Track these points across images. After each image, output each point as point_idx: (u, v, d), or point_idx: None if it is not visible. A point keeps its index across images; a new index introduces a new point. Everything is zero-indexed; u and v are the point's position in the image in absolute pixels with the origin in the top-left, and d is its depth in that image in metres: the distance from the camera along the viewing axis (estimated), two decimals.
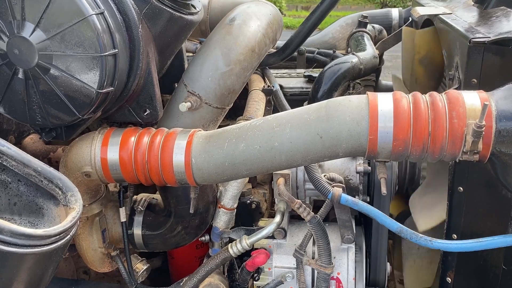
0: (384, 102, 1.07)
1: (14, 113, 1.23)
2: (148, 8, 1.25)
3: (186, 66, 1.70)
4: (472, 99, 1.04)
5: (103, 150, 1.30)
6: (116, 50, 1.16)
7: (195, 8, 1.45)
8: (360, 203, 1.24)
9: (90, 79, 1.15)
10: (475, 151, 1.02)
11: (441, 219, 1.53)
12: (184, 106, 1.42)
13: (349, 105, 1.09)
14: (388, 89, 2.54)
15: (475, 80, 1.25)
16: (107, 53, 1.13)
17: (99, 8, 1.13)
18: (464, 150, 1.03)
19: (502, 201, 1.28)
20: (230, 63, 1.46)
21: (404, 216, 1.85)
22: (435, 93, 1.08)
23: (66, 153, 1.36)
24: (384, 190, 1.13)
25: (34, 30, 1.11)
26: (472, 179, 1.32)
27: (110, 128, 1.36)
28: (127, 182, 1.37)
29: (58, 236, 0.93)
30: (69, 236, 0.97)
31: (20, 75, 1.17)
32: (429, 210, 1.64)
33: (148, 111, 1.36)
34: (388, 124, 1.05)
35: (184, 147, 1.25)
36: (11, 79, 1.18)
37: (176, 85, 1.54)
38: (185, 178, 1.26)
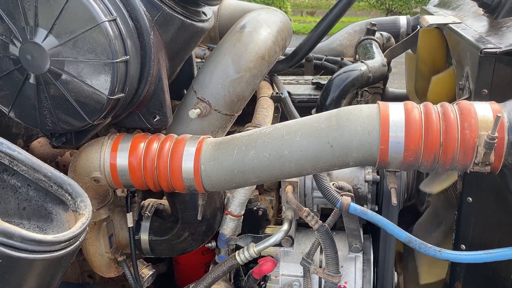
0: (396, 112, 1.07)
1: (25, 118, 1.24)
2: (160, 15, 1.25)
3: (195, 72, 1.70)
4: (484, 110, 1.03)
5: (112, 155, 1.30)
6: (128, 56, 1.16)
7: (205, 15, 1.46)
8: (369, 213, 1.23)
9: (101, 85, 1.15)
10: (487, 163, 1.02)
11: (442, 276, 1.54)
12: (193, 113, 1.42)
13: (360, 115, 1.09)
14: (395, 96, 2.54)
15: (485, 91, 1.24)
16: (118, 60, 1.13)
17: (112, 15, 1.14)
18: (476, 161, 1.02)
19: None
20: (240, 70, 1.46)
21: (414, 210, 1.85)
22: (446, 104, 1.08)
23: (75, 158, 1.36)
24: (394, 200, 1.12)
25: (46, 36, 1.11)
26: (482, 189, 1.31)
27: (119, 134, 1.36)
28: (136, 188, 1.37)
29: (68, 242, 0.92)
30: (78, 242, 0.96)
31: (32, 80, 1.17)
32: (433, 262, 1.63)
33: (158, 117, 1.36)
34: (399, 134, 1.04)
35: (193, 153, 1.25)
36: (22, 84, 1.18)
37: (186, 92, 1.55)
38: (194, 184, 1.26)
